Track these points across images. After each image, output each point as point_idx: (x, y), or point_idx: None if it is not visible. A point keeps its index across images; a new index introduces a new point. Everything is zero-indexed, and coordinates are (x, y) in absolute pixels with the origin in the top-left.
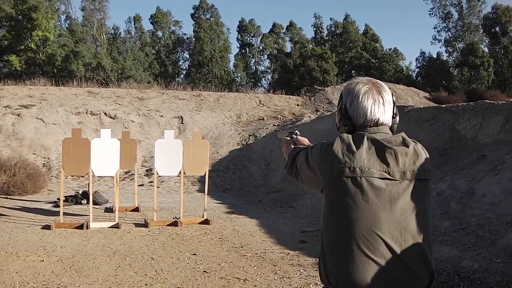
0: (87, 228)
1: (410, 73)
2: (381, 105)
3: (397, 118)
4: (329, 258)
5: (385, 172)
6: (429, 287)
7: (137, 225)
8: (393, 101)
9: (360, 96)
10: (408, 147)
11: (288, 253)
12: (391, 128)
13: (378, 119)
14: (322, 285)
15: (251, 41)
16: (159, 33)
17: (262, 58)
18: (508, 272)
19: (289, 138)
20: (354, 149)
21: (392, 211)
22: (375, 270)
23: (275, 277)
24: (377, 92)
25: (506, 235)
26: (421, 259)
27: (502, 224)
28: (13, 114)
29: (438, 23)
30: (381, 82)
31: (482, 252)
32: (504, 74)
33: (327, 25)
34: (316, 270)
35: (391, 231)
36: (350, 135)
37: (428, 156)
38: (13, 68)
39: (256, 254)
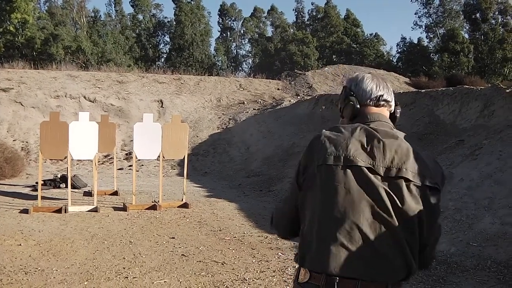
0: (65, 212)
1: (391, 58)
2: (385, 86)
3: (399, 110)
4: (306, 242)
5: (370, 165)
6: (406, 279)
7: (115, 208)
8: (393, 92)
9: (365, 79)
10: (401, 145)
11: (267, 237)
12: (393, 116)
13: (383, 95)
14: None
15: (232, 25)
16: (140, 16)
17: (243, 42)
18: (484, 255)
19: None
20: (342, 138)
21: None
22: (349, 258)
23: (253, 260)
24: (381, 79)
25: (483, 219)
26: (399, 252)
27: (479, 209)
28: None
29: (419, 8)
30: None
31: (459, 236)
32: (483, 60)
33: (309, 10)
34: (295, 254)
35: (370, 222)
36: (341, 125)
37: (436, 167)
38: None
39: (235, 237)
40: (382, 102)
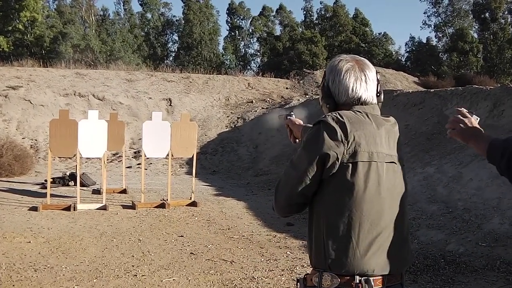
0: (74, 210)
1: (400, 57)
2: (363, 82)
3: (381, 96)
4: (340, 244)
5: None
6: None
7: (124, 207)
8: (377, 79)
9: (342, 73)
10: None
11: (275, 236)
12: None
13: (361, 96)
14: (311, 267)
15: (240, 24)
16: (148, 15)
17: (251, 41)
18: (493, 256)
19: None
20: (367, 131)
21: (380, 192)
22: (383, 256)
23: (262, 259)
24: (359, 70)
25: (492, 220)
26: (407, 236)
27: (488, 209)
28: (0, 95)
29: (428, 8)
30: (365, 59)
31: (468, 236)
32: (493, 60)
33: (317, 9)
34: (303, 253)
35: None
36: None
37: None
38: (1, 49)
39: (243, 236)
40: (362, 103)
